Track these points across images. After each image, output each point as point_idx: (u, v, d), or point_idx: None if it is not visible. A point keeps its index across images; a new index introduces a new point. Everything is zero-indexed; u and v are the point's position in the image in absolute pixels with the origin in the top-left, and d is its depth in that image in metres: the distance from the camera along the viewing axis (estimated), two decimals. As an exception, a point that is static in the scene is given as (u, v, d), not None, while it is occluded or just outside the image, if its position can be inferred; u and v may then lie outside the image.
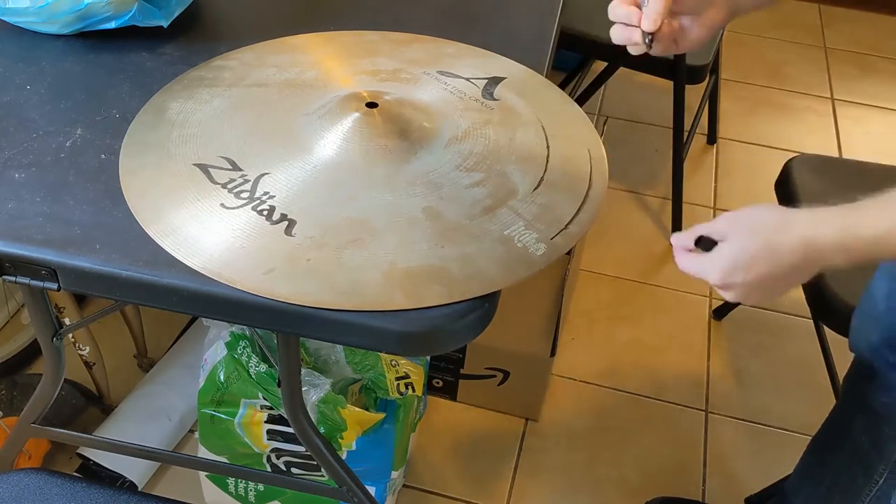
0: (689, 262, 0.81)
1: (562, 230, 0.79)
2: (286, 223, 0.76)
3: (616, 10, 0.90)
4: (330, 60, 0.99)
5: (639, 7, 0.90)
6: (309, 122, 0.87)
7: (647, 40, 0.88)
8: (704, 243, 0.80)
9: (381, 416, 1.23)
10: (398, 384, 1.27)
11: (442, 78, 0.97)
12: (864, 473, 1.14)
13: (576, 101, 2.15)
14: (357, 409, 1.20)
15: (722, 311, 1.85)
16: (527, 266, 0.76)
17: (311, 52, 1.00)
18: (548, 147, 0.90)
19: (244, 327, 1.20)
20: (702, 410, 1.66)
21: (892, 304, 1.05)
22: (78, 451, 1.43)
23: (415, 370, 1.28)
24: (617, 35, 0.90)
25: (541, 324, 1.48)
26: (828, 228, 0.73)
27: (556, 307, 1.45)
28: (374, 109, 0.86)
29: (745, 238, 0.77)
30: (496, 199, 0.81)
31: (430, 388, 1.60)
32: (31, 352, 1.56)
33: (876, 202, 0.72)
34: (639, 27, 0.87)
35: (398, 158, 0.84)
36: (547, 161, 0.88)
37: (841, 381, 1.16)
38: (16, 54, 0.96)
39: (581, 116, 0.97)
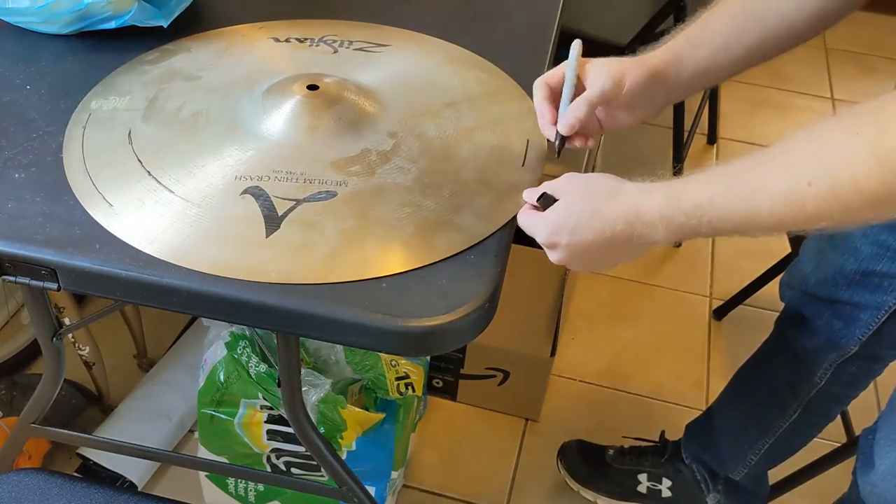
0: (525, 217, 0.78)
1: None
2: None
3: (535, 93, 0.84)
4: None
5: (558, 94, 0.82)
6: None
7: (557, 143, 0.81)
8: (545, 200, 0.76)
9: (381, 416, 1.23)
10: (398, 384, 1.27)
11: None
12: (778, 408, 1.25)
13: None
14: (357, 409, 1.20)
15: (722, 311, 1.85)
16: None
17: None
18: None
19: (244, 327, 1.20)
20: (702, 410, 1.65)
21: (819, 263, 1.11)
22: (78, 451, 1.43)
23: (415, 370, 1.28)
24: (538, 120, 0.84)
25: (541, 324, 1.48)
26: (652, 198, 0.70)
27: (556, 307, 1.45)
28: (315, 92, 0.87)
29: (576, 200, 0.74)
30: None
31: (430, 388, 1.60)
32: (31, 352, 1.56)
33: (700, 174, 0.70)
34: (553, 124, 0.82)
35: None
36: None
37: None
38: (16, 54, 0.96)
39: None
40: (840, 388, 1.21)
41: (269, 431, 1.24)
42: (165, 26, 0.98)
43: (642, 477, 1.46)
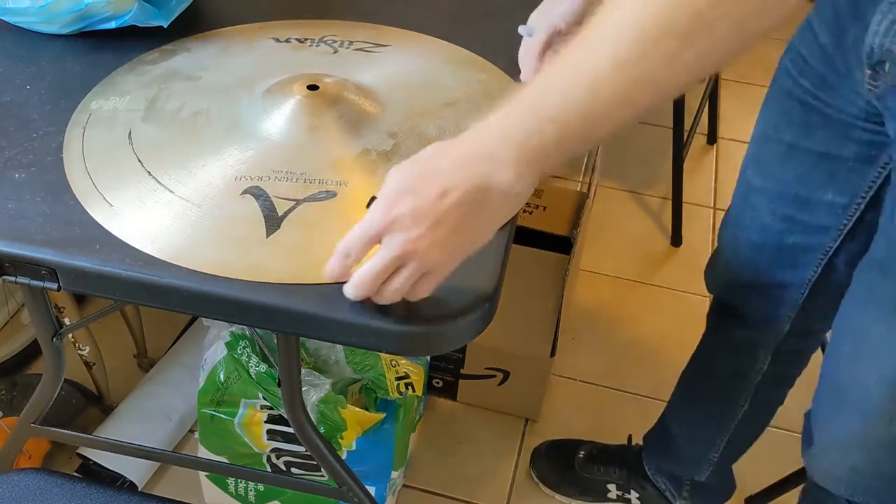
0: (349, 241, 0.67)
1: None
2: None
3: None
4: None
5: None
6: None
7: None
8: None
9: (381, 416, 1.23)
10: (398, 384, 1.27)
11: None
12: (730, 401, 1.27)
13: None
14: (357, 409, 1.20)
15: (722, 311, 1.85)
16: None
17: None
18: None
19: (244, 327, 1.20)
20: (702, 410, 1.66)
21: (735, 248, 1.13)
22: (78, 451, 1.43)
23: (415, 370, 1.28)
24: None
25: (541, 324, 1.48)
26: (513, 121, 0.65)
27: (556, 307, 1.45)
28: (315, 92, 0.87)
29: (405, 165, 0.66)
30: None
31: (430, 388, 1.60)
32: (31, 352, 1.56)
33: (545, 75, 0.66)
34: None
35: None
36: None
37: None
38: (16, 54, 0.96)
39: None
40: (783, 368, 1.22)
41: (269, 431, 1.24)
42: (165, 26, 0.98)
43: (611, 486, 1.48)
